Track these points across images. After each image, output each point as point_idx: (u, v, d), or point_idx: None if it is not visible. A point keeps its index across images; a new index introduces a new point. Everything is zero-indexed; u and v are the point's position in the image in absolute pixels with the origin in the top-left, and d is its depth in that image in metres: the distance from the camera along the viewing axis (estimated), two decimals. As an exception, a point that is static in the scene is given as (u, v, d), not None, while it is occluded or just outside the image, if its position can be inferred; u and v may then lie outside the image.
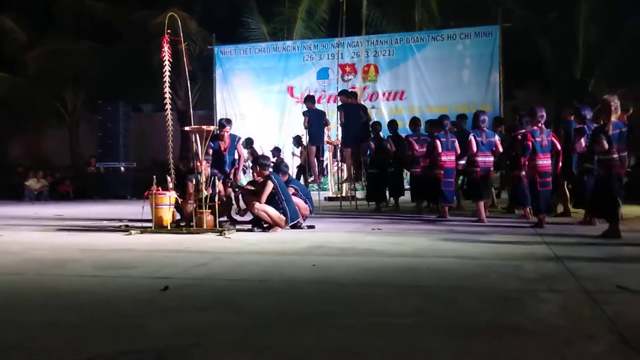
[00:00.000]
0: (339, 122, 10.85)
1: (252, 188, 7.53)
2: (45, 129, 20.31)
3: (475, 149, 7.90)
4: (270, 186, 7.21)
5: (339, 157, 11.62)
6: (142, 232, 7.15)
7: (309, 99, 11.32)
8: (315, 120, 10.96)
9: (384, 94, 13.72)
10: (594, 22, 14.45)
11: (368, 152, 10.29)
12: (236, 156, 8.64)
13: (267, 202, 7.20)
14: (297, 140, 12.60)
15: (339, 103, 10.99)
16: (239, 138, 8.12)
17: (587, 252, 5.21)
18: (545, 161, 7.26)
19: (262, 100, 14.61)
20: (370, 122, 11.09)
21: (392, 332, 2.78)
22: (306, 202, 7.95)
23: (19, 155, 20.38)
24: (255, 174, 7.65)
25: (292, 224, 7.28)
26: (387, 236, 6.61)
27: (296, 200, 7.66)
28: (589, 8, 14.32)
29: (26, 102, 18.35)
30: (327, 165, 12.39)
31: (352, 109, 10.80)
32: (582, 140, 7.32)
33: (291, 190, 7.71)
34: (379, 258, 5.03)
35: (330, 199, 12.19)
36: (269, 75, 14.59)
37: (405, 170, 10.43)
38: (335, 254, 5.31)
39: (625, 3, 13.74)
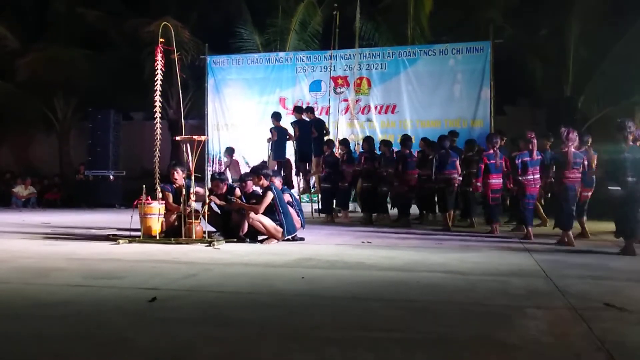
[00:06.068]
0: (294, 137, 11.30)
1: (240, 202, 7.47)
2: (35, 136, 20.12)
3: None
4: (269, 197, 7.15)
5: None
6: (130, 242, 7.11)
7: (276, 116, 11.54)
8: (279, 137, 11.21)
9: (375, 107, 13.74)
10: (584, 40, 14.59)
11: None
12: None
13: (265, 214, 7.16)
14: (229, 152, 12.50)
15: (299, 118, 11.45)
16: (235, 188, 8.16)
17: (575, 268, 5.23)
18: (496, 180, 8.42)
19: (254, 111, 14.58)
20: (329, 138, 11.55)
21: (380, 346, 2.77)
22: (298, 215, 7.89)
23: (8, 162, 20.19)
24: (252, 183, 7.59)
25: (288, 237, 7.23)
26: (377, 250, 6.61)
27: (290, 210, 7.60)
28: (579, 27, 14.46)
29: (16, 108, 18.20)
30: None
31: (304, 126, 11.09)
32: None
33: (286, 198, 7.66)
34: (369, 272, 5.03)
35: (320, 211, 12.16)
36: (262, 86, 14.58)
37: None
38: (324, 266, 5.30)
39: (614, 22, 13.91)
